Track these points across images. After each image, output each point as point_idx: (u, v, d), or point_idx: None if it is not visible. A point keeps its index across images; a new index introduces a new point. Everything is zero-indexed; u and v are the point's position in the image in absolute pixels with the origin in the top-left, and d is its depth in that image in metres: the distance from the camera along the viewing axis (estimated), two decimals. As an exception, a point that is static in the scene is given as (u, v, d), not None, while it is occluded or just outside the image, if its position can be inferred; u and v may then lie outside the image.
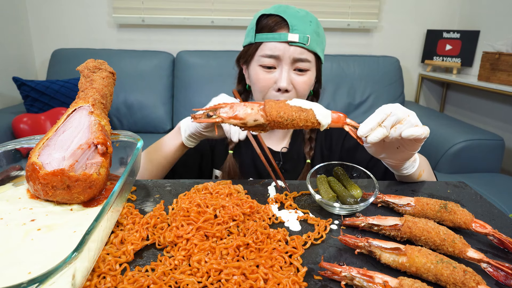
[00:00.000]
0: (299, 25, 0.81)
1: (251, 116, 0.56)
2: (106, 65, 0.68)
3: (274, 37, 0.82)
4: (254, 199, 0.61)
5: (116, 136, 0.65)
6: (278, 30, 0.82)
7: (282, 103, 0.56)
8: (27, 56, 2.51)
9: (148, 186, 0.69)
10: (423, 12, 2.60)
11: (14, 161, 0.62)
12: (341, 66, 2.42)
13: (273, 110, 0.55)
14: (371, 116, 0.56)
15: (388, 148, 0.63)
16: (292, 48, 0.81)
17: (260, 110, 0.56)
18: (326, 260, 0.48)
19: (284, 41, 0.81)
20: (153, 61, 2.41)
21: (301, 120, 0.55)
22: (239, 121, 0.56)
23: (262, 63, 0.84)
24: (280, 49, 0.82)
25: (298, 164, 0.94)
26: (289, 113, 0.55)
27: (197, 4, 2.45)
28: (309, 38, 0.81)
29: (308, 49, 0.82)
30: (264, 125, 0.57)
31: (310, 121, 0.56)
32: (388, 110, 0.55)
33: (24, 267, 0.39)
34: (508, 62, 1.96)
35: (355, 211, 0.59)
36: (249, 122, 0.56)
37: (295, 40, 0.80)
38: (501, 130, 2.21)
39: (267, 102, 0.57)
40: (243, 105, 0.56)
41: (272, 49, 0.82)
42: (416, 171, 0.70)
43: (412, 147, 0.60)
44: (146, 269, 0.46)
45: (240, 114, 0.56)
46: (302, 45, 0.81)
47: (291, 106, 0.56)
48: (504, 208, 1.50)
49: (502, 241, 0.51)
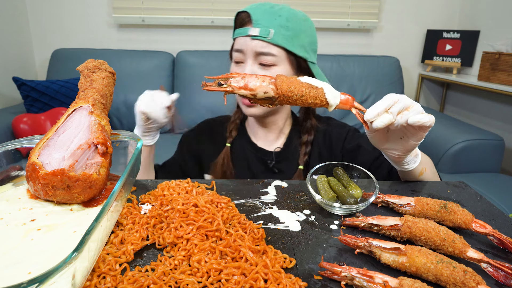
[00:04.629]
0: (262, 19, 0.81)
1: (261, 88, 0.56)
2: (106, 65, 0.68)
3: (240, 32, 0.85)
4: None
5: (116, 136, 0.65)
6: (244, 25, 0.85)
7: (294, 79, 0.57)
8: (27, 56, 2.51)
9: (148, 186, 0.69)
10: (423, 12, 2.61)
11: (14, 161, 0.62)
12: (341, 66, 2.42)
13: (284, 84, 0.56)
14: (379, 102, 0.56)
15: (391, 138, 0.62)
16: (254, 42, 0.82)
17: (271, 83, 0.56)
18: (326, 260, 0.48)
19: (246, 35, 0.83)
20: (153, 61, 2.41)
21: (310, 97, 0.56)
22: (249, 92, 0.56)
23: (234, 59, 0.88)
24: (243, 43, 0.83)
25: (291, 166, 0.93)
26: (299, 88, 0.56)
27: (197, 4, 2.45)
28: (271, 31, 0.80)
29: (272, 42, 0.81)
30: (273, 99, 0.57)
31: (319, 99, 0.56)
32: (396, 98, 0.56)
33: (24, 267, 0.39)
34: (508, 62, 1.96)
35: (355, 211, 0.59)
36: (259, 94, 0.56)
37: (255, 33, 0.81)
38: (501, 130, 2.21)
39: (278, 76, 0.57)
40: (255, 77, 0.57)
41: (239, 43, 0.85)
42: (418, 167, 0.70)
43: (416, 137, 0.59)
44: (146, 269, 0.46)
45: (251, 85, 0.56)
46: (263, 39, 0.81)
47: (302, 82, 0.56)
48: (504, 208, 1.50)
49: (502, 241, 0.51)
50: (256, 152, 0.96)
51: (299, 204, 0.63)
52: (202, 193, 0.62)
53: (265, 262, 0.45)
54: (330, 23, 2.53)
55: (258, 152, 0.96)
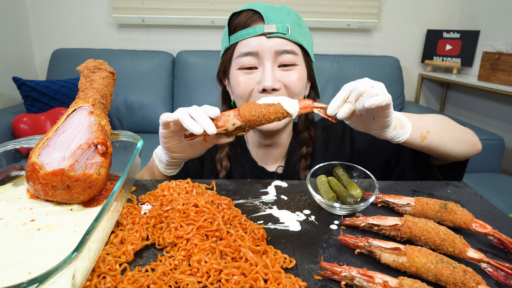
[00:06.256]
0: (275, 15, 0.73)
1: (229, 121, 0.62)
2: (106, 65, 0.68)
3: (249, 32, 0.73)
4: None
5: (116, 136, 0.65)
6: (252, 24, 0.73)
7: (252, 104, 0.62)
8: (27, 56, 2.51)
9: (148, 186, 0.69)
10: (423, 12, 2.61)
11: (14, 161, 0.62)
12: (341, 66, 2.42)
13: (245, 111, 0.61)
14: (337, 94, 0.59)
15: (366, 121, 0.63)
16: (272, 40, 0.72)
17: (236, 116, 0.62)
18: (326, 260, 0.48)
19: (260, 34, 0.72)
20: (153, 61, 2.41)
21: (271, 114, 0.61)
22: (221, 129, 0.62)
23: (240, 65, 0.75)
24: (257, 44, 0.73)
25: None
26: (259, 110, 0.61)
27: (197, 4, 2.45)
28: (289, 27, 0.72)
29: (291, 39, 0.73)
30: (242, 127, 0.62)
31: (279, 112, 0.61)
32: (351, 86, 0.58)
33: (24, 267, 0.39)
34: (508, 62, 1.96)
35: (355, 211, 0.59)
36: (229, 127, 0.62)
37: (273, 30, 0.71)
38: (501, 130, 2.21)
39: (240, 106, 0.62)
40: (221, 114, 0.63)
41: (248, 45, 0.73)
42: (413, 135, 0.66)
43: (383, 115, 0.59)
44: (146, 269, 0.46)
45: (220, 123, 0.62)
46: (282, 36, 0.72)
47: (260, 104, 0.61)
48: (504, 208, 1.50)
49: (502, 241, 0.51)
50: (256, 171, 0.89)
51: (299, 204, 0.63)
52: (202, 194, 0.62)
53: (265, 262, 0.45)
54: (330, 23, 2.53)
55: (259, 172, 0.89)
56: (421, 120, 0.70)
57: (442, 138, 0.70)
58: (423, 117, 0.72)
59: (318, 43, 0.88)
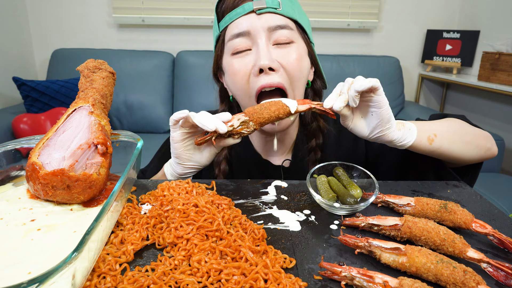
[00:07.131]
0: None
1: (234, 118, 0.65)
2: (106, 65, 0.68)
3: (238, 13, 0.69)
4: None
5: (116, 136, 0.65)
6: (240, 3, 0.70)
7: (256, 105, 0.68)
8: (27, 56, 2.51)
9: (148, 186, 0.69)
10: (423, 12, 2.61)
11: (14, 161, 0.62)
12: (341, 66, 2.42)
13: (249, 108, 0.67)
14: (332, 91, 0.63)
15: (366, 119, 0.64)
16: (263, 17, 0.68)
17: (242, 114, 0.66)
18: (326, 260, 0.48)
19: (249, 11, 0.68)
20: (153, 61, 2.41)
21: (271, 105, 0.65)
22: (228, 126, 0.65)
23: (233, 49, 0.71)
24: (248, 23, 0.68)
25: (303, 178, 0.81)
26: (261, 104, 0.66)
27: (197, 4, 2.45)
28: (280, 2, 0.68)
29: (283, 14, 0.69)
30: (247, 121, 0.66)
31: (279, 105, 0.65)
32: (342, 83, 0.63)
33: (24, 267, 0.39)
34: (508, 62, 1.96)
35: (355, 211, 0.59)
36: (235, 123, 0.65)
37: (262, 5, 0.67)
38: (501, 130, 2.21)
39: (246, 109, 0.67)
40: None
41: (238, 25, 0.69)
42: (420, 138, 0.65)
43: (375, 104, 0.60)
44: (146, 269, 0.46)
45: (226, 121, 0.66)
46: (273, 10, 0.68)
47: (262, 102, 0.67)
48: (504, 208, 1.50)
49: (502, 241, 0.51)
50: (261, 165, 0.84)
51: (299, 204, 0.63)
52: (202, 194, 0.62)
53: (265, 262, 0.45)
54: (330, 23, 2.53)
55: (264, 165, 0.84)
56: (428, 123, 0.69)
57: (451, 141, 0.68)
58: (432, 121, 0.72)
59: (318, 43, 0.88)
